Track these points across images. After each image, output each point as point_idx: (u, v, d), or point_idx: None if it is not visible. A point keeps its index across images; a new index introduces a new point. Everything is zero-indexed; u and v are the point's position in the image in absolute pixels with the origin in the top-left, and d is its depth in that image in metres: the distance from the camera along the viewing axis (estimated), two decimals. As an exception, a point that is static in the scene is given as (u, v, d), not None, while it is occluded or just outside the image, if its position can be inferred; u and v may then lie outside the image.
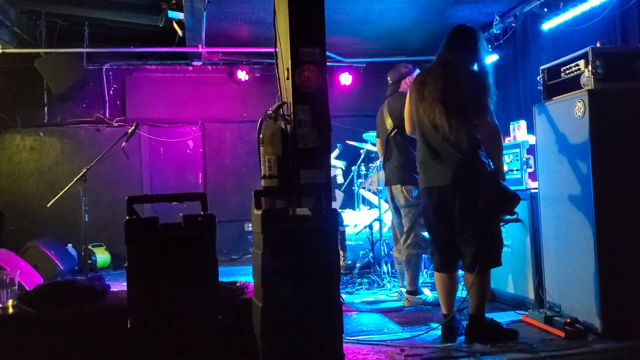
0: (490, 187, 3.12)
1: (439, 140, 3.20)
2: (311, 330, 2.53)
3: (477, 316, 3.21)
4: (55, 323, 2.84)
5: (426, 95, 3.25)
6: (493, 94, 3.20)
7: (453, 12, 6.18)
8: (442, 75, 3.23)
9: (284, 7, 3.05)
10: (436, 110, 3.17)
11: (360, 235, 5.63)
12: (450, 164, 3.16)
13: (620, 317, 3.11)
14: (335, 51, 7.47)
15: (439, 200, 3.23)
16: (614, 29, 4.71)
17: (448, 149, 3.16)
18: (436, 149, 3.22)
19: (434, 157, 3.24)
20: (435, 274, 3.40)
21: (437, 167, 3.21)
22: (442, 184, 3.20)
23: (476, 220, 3.13)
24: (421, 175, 3.36)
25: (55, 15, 6.70)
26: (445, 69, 3.24)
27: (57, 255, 5.95)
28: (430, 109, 3.21)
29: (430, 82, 3.25)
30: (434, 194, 3.25)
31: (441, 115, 3.14)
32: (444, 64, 3.28)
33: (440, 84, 3.19)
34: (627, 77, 3.27)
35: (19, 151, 7.32)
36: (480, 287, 3.17)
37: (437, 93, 3.19)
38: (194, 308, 2.50)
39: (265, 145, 2.98)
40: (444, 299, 3.33)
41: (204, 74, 7.87)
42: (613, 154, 3.18)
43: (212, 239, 2.53)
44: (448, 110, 3.13)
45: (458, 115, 3.13)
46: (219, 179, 7.85)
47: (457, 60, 3.24)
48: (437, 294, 3.42)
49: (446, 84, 3.18)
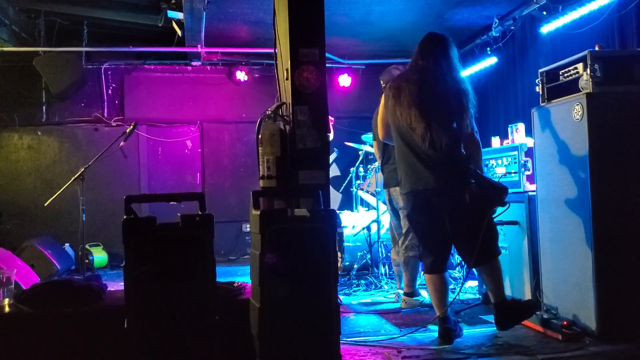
0: (477, 183, 3.19)
1: (420, 144, 3.20)
2: (309, 332, 2.53)
3: (501, 302, 3.25)
4: (51, 323, 2.83)
5: (402, 99, 3.26)
6: (472, 97, 3.25)
7: (452, 14, 6.19)
8: (418, 80, 3.26)
9: (283, 7, 3.05)
10: (415, 115, 3.20)
11: (358, 237, 5.63)
12: (435, 166, 3.18)
13: (616, 320, 3.11)
14: (335, 52, 7.47)
15: (425, 203, 3.26)
16: (612, 32, 4.72)
17: (430, 152, 3.18)
18: (418, 152, 3.22)
19: (416, 161, 3.23)
20: (426, 277, 3.40)
21: (421, 170, 3.22)
22: (427, 186, 3.20)
23: (470, 216, 3.19)
24: (403, 180, 3.35)
25: (54, 14, 6.69)
26: (422, 75, 3.28)
27: (54, 255, 5.94)
28: (407, 113, 3.23)
29: (407, 87, 3.27)
30: (419, 197, 3.27)
31: (421, 119, 3.18)
32: (421, 70, 3.31)
33: (417, 88, 3.24)
34: (625, 81, 3.28)
35: (17, 150, 7.30)
36: (497, 274, 3.27)
37: (414, 98, 3.22)
38: (191, 308, 2.49)
39: (264, 145, 2.98)
40: (438, 300, 3.33)
41: (203, 74, 7.87)
42: (611, 157, 3.19)
43: (209, 239, 2.53)
44: (428, 114, 3.18)
45: (439, 119, 3.18)
46: (217, 179, 7.85)
47: (434, 66, 3.28)
48: (430, 297, 3.42)
49: (425, 89, 3.23)
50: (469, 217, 3.19)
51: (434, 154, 3.17)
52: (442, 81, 3.24)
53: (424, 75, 3.27)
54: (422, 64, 3.31)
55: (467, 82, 3.31)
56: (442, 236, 3.31)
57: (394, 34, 6.90)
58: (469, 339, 3.30)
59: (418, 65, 3.34)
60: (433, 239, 3.35)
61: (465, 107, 3.19)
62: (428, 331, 3.46)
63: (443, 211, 3.23)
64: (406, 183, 3.33)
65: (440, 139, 3.15)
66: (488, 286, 3.32)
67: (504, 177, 4.21)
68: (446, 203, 3.21)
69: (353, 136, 6.69)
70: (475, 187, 3.17)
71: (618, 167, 3.20)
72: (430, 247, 3.37)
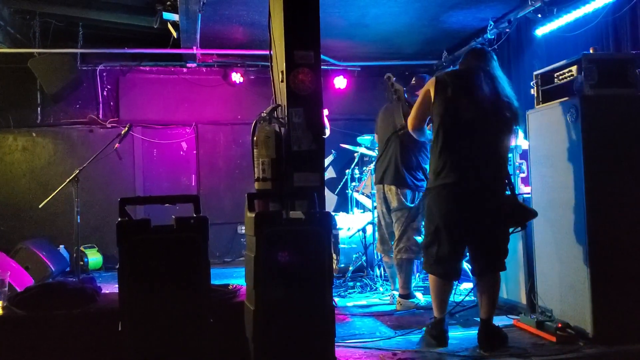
0: (513, 198, 3.25)
1: (485, 141, 3.19)
2: (303, 334, 2.53)
3: (490, 320, 3.21)
4: (45, 325, 2.82)
5: (469, 92, 3.22)
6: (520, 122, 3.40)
7: (447, 17, 6.20)
8: (483, 83, 3.24)
9: (279, 10, 3.05)
10: (481, 111, 3.19)
11: (354, 239, 5.63)
12: (487, 164, 3.19)
13: (611, 322, 3.12)
14: (330, 54, 7.47)
15: (467, 200, 3.17)
16: (606, 35, 4.74)
17: (492, 152, 3.20)
18: (474, 147, 3.18)
19: (478, 157, 3.18)
20: (438, 281, 3.27)
21: (480, 167, 3.17)
22: (475, 183, 3.17)
23: (498, 224, 3.20)
24: (446, 171, 3.20)
25: (49, 16, 6.66)
26: (486, 80, 3.26)
27: (48, 257, 5.92)
28: (475, 106, 3.19)
29: (474, 83, 3.23)
30: (462, 192, 3.16)
31: (487, 117, 3.19)
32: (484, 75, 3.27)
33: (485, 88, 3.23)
34: (620, 84, 3.30)
35: (12, 151, 7.27)
36: (497, 289, 3.27)
37: (483, 95, 3.20)
38: (186, 311, 2.49)
39: (259, 147, 2.98)
40: (443, 302, 3.28)
41: (198, 76, 7.85)
42: (605, 160, 3.20)
43: (204, 242, 2.52)
44: (493, 115, 3.20)
45: (499, 124, 3.22)
46: (212, 181, 7.83)
47: (495, 74, 3.30)
48: (433, 299, 3.32)
49: (491, 94, 3.23)
50: (497, 224, 3.20)
51: (490, 152, 3.18)
52: (505, 93, 3.27)
53: (489, 81, 3.26)
54: (487, 70, 3.30)
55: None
56: (466, 239, 3.25)
57: (389, 36, 6.91)
58: (464, 341, 3.31)
59: (479, 69, 3.30)
60: (460, 241, 3.24)
61: (514, 127, 3.28)
62: (423, 333, 3.46)
63: (477, 212, 3.17)
64: (449, 174, 3.18)
65: (497, 141, 3.20)
66: (484, 298, 3.22)
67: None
68: (491, 204, 3.17)
69: (348, 138, 6.69)
70: (513, 201, 3.23)
71: (612, 169, 3.21)
72: (456, 250, 3.23)
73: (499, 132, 3.21)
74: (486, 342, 3.15)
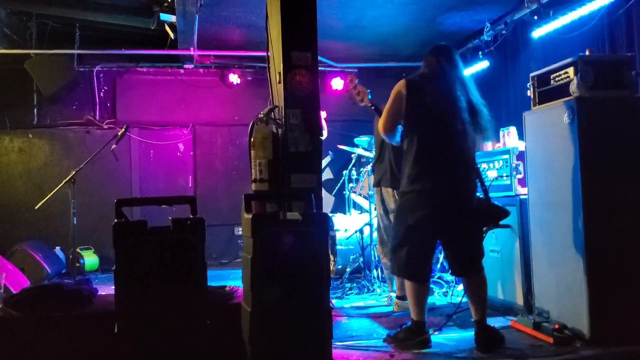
0: (486, 199, 3.30)
1: (458, 145, 3.20)
2: (300, 336, 2.53)
3: (484, 320, 3.21)
4: (41, 327, 2.81)
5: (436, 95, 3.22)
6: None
7: (444, 19, 6.21)
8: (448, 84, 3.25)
9: (276, 11, 3.05)
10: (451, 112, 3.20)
11: (351, 240, 5.63)
12: (466, 169, 3.23)
13: (608, 324, 3.12)
14: (328, 56, 7.48)
15: (448, 205, 3.18)
16: (602, 37, 4.76)
17: (465, 155, 3.23)
18: (448, 150, 3.19)
19: (453, 162, 3.19)
20: (415, 286, 3.26)
21: (456, 169, 3.19)
22: (455, 189, 3.19)
23: (473, 225, 3.25)
24: (423, 175, 3.18)
25: (46, 17, 6.65)
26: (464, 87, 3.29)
27: (44, 258, 5.90)
28: (444, 108, 3.20)
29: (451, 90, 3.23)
30: (442, 197, 3.17)
31: (458, 118, 3.19)
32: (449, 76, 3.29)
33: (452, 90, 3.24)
34: (615, 85, 3.31)
35: (8, 153, 7.25)
36: (485, 289, 3.25)
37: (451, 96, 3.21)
38: (182, 313, 2.48)
39: (256, 148, 2.98)
40: (423, 307, 3.28)
41: (195, 77, 7.85)
42: (601, 161, 3.21)
43: (200, 243, 2.52)
44: (463, 114, 3.21)
45: (475, 131, 3.27)
46: (209, 183, 7.83)
47: (461, 77, 3.33)
48: (412, 303, 3.29)
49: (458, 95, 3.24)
50: (471, 225, 3.24)
51: (463, 156, 3.21)
52: (476, 100, 3.30)
53: (461, 86, 3.28)
54: (457, 74, 3.32)
55: None
56: (438, 241, 3.32)
57: (387, 38, 6.92)
58: (461, 343, 3.31)
59: (442, 69, 3.31)
60: (431, 243, 3.28)
61: (486, 128, 3.29)
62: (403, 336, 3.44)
63: (453, 215, 3.19)
64: (425, 179, 3.18)
65: (470, 145, 3.24)
66: (474, 300, 3.22)
67: (495, 180, 4.23)
68: (464, 208, 3.20)
69: (346, 139, 6.69)
70: (483, 200, 3.29)
71: (609, 170, 3.22)
72: (426, 252, 3.27)
73: (470, 136, 3.25)
74: (483, 343, 3.15)
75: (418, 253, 3.24)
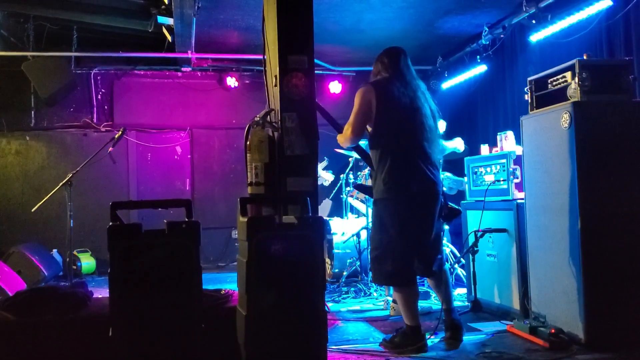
0: (444, 199, 3.44)
1: (425, 148, 3.30)
2: (296, 339, 2.52)
3: (453, 305, 3.39)
4: (35, 330, 2.80)
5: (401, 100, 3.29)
6: None
7: (442, 23, 6.22)
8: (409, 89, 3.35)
9: (272, 14, 3.05)
10: (426, 121, 3.32)
11: (348, 244, 5.61)
12: (435, 171, 3.33)
13: (604, 328, 3.12)
14: (325, 59, 7.48)
15: (422, 207, 3.25)
16: (600, 42, 4.77)
17: (433, 158, 3.34)
18: (419, 153, 3.27)
19: (424, 163, 3.27)
20: (406, 291, 3.25)
21: (429, 172, 3.27)
22: (428, 191, 3.27)
23: (437, 225, 3.36)
24: (406, 183, 3.20)
25: (43, 19, 6.65)
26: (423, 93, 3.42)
27: (41, 261, 5.88)
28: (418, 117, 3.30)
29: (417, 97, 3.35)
30: (417, 200, 3.22)
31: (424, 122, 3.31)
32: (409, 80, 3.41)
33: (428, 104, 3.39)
34: (613, 90, 3.31)
35: (5, 155, 7.24)
36: (448, 277, 3.47)
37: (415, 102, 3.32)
38: (177, 316, 2.47)
39: (252, 152, 2.97)
40: (416, 310, 3.28)
41: (193, 80, 7.85)
42: (598, 165, 3.21)
43: (195, 247, 2.51)
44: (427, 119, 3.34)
45: (432, 128, 3.37)
46: (206, 186, 7.81)
47: (418, 82, 3.46)
48: (405, 309, 3.26)
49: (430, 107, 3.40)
50: (437, 225, 3.35)
51: (431, 159, 3.31)
52: (433, 104, 3.46)
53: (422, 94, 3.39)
54: (408, 76, 3.43)
55: None
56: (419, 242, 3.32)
57: (384, 41, 6.86)
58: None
59: (403, 74, 3.42)
60: (412, 247, 3.27)
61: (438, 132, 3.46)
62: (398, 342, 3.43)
63: (426, 217, 3.27)
64: (401, 183, 3.19)
65: (435, 148, 3.36)
66: (444, 292, 3.39)
67: (492, 185, 4.23)
68: (434, 208, 3.30)
69: (343, 143, 6.67)
70: (445, 202, 3.44)
71: (606, 175, 3.21)
72: (410, 257, 3.25)
73: (435, 139, 3.37)
74: (455, 327, 3.32)
75: (404, 260, 3.24)
